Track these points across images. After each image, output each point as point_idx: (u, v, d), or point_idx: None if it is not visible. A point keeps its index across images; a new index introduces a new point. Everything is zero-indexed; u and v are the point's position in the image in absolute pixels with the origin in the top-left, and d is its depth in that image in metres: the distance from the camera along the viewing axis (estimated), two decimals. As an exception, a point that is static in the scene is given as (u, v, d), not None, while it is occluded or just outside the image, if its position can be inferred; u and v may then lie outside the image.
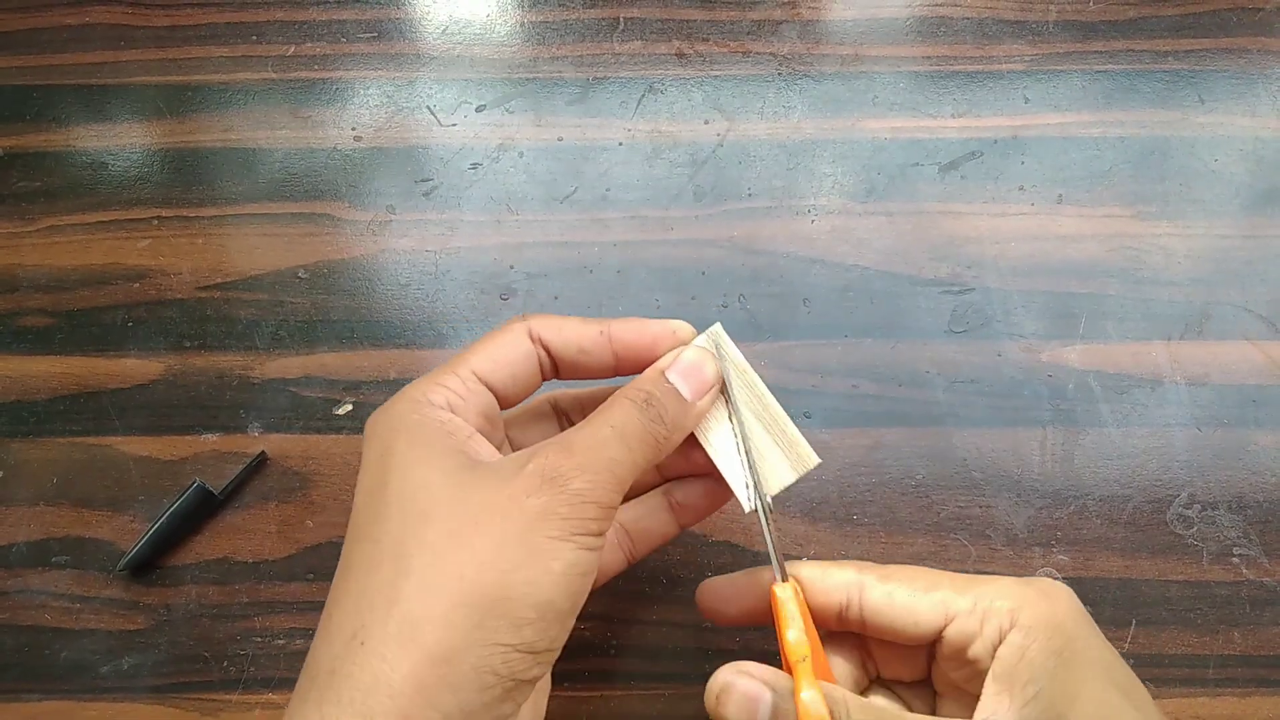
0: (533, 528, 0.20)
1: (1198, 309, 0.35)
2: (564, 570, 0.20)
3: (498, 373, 0.24)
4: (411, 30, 0.42)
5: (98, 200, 0.38)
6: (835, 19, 0.41)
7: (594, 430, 0.21)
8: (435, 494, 0.20)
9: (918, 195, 0.38)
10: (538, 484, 0.20)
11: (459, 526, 0.20)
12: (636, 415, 0.22)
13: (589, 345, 0.24)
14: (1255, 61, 0.40)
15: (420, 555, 0.20)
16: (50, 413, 0.35)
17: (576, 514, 0.20)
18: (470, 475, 0.21)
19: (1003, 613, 0.22)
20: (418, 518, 0.20)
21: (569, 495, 0.20)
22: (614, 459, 0.21)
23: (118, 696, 0.31)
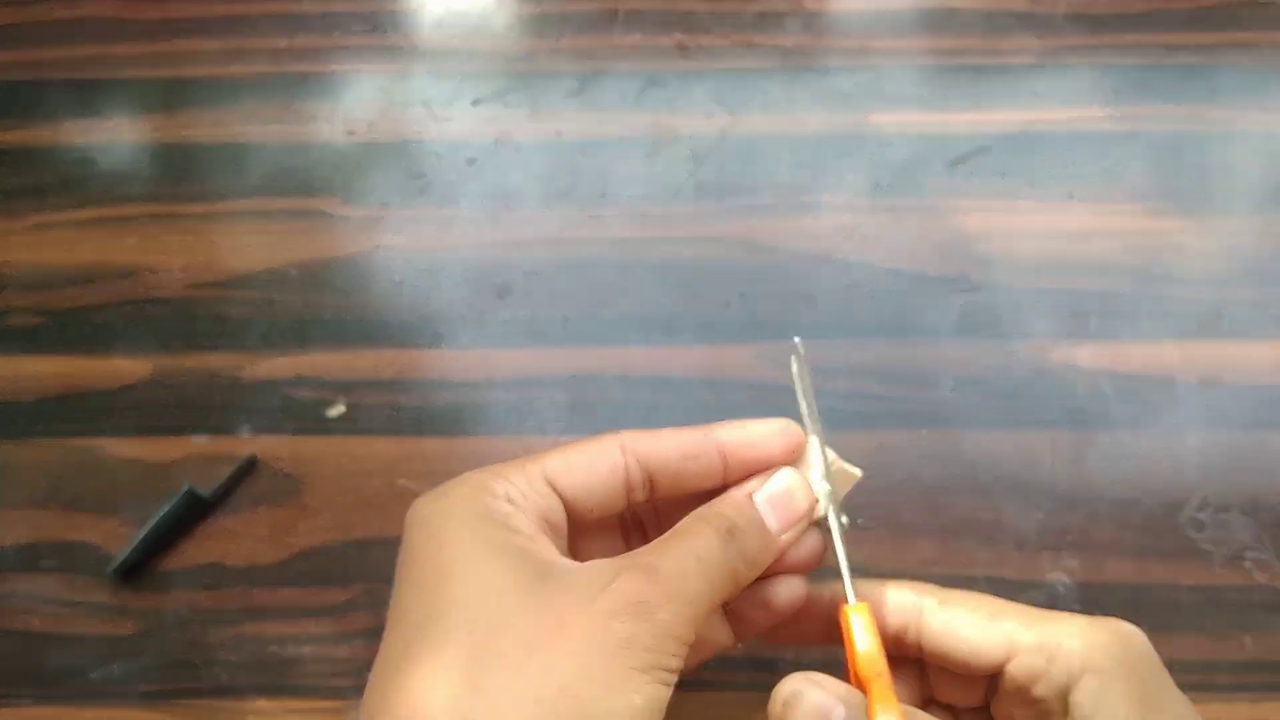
0: (618, 655, 0.18)
1: (1211, 308, 0.35)
2: (644, 705, 0.18)
3: (571, 478, 0.22)
4: (406, 23, 0.41)
5: (87, 196, 0.38)
6: (840, 11, 0.41)
7: (679, 558, 0.20)
8: (509, 600, 0.19)
9: (925, 191, 0.37)
10: (623, 607, 0.18)
11: (537, 640, 0.18)
12: (719, 547, 0.20)
13: (693, 450, 0.23)
14: (1268, 55, 0.39)
15: (497, 670, 0.18)
16: (38, 414, 0.35)
17: (660, 647, 0.19)
18: (547, 583, 0.19)
19: (1073, 654, 0.21)
20: (489, 626, 0.19)
21: (655, 625, 0.19)
22: (697, 593, 0.20)
23: (108, 702, 0.31)
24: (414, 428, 0.34)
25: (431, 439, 0.34)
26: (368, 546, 0.32)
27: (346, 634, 0.31)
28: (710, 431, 0.23)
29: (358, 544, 0.32)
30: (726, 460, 0.23)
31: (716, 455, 0.23)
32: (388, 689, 0.19)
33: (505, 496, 0.21)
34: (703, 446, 0.23)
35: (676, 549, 0.20)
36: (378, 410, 0.34)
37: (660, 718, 0.19)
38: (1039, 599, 0.31)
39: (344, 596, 0.32)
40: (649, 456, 0.23)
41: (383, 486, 0.33)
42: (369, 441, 0.34)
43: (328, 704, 0.30)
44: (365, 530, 0.32)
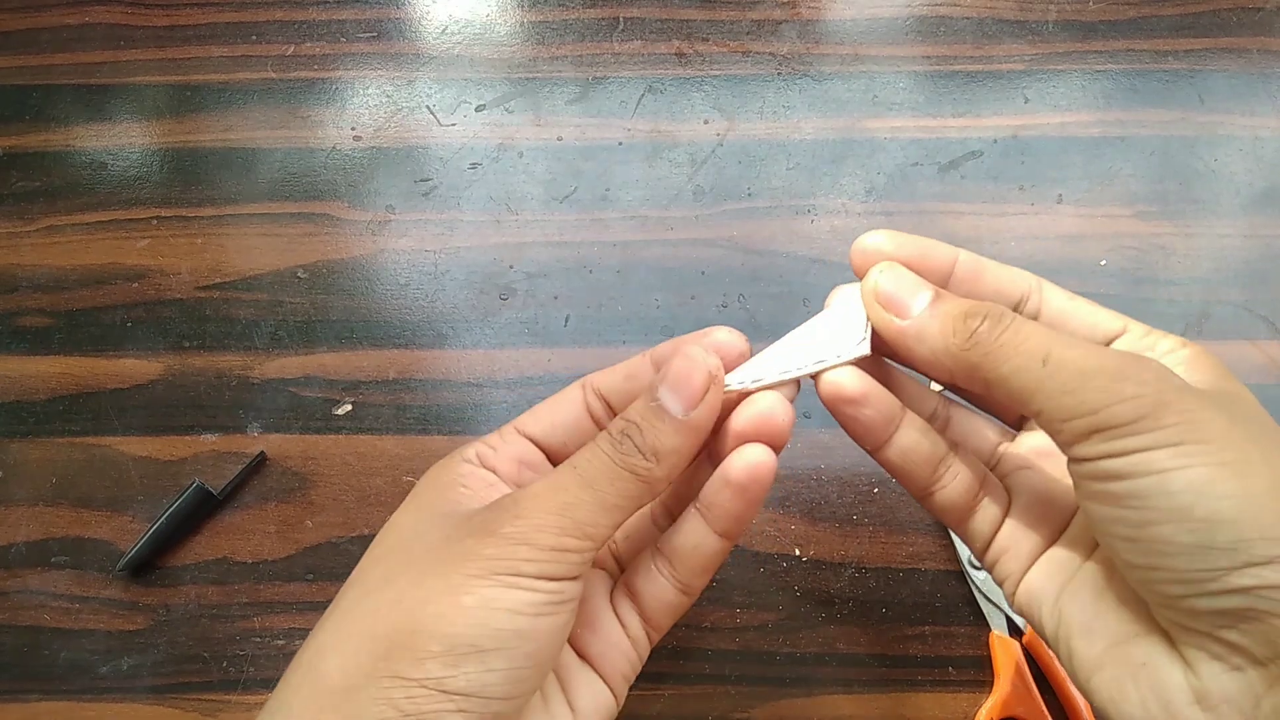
0: (453, 565, 0.19)
1: (1197, 308, 0.35)
2: (477, 604, 0.19)
3: (539, 422, 0.24)
4: (411, 30, 0.42)
5: (97, 200, 0.38)
6: (835, 19, 0.41)
7: (556, 475, 0.21)
8: (400, 538, 0.21)
9: (917, 195, 0.38)
10: (471, 529, 0.20)
11: (395, 568, 0.20)
12: (605, 451, 0.21)
13: (633, 370, 0.25)
14: (1255, 61, 0.40)
15: (355, 590, 0.20)
16: (49, 413, 0.35)
17: (503, 554, 0.19)
18: (435, 522, 0.21)
19: (1176, 345, 0.21)
20: (375, 559, 0.21)
21: (497, 538, 0.19)
22: (569, 502, 0.20)
23: (117, 697, 0.31)
24: (419, 426, 0.34)
25: (436, 437, 0.34)
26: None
27: None
28: (648, 351, 0.25)
29: (364, 539, 0.33)
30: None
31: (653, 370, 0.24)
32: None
33: (474, 456, 0.24)
34: (641, 365, 0.25)
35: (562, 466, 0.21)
36: (383, 409, 0.35)
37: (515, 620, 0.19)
38: (1030, 593, 0.31)
39: (350, 591, 0.32)
40: (601, 385, 0.25)
41: (388, 484, 0.34)
42: (375, 440, 0.34)
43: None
44: (371, 526, 0.33)
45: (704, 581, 0.24)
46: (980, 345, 0.20)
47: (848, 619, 0.31)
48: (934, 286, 0.22)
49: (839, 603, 0.31)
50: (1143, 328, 0.22)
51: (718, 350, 0.23)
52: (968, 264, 0.23)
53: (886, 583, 0.32)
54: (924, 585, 0.31)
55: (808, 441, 0.34)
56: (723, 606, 0.31)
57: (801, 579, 0.32)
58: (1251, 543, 0.17)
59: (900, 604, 0.31)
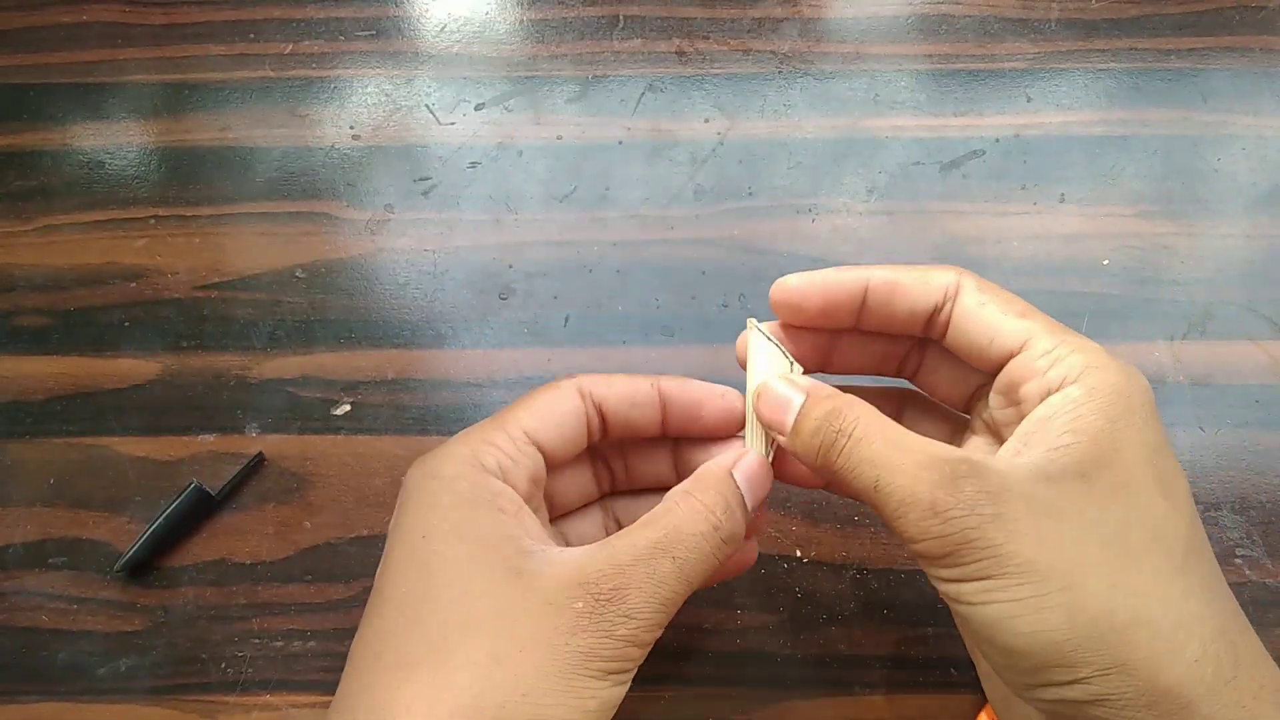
0: (577, 666, 0.19)
1: (1201, 309, 0.35)
2: (598, 709, 0.20)
3: (547, 431, 0.23)
4: (410, 28, 0.41)
5: (94, 199, 0.38)
6: (836, 17, 0.41)
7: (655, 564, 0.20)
8: (480, 603, 0.20)
9: (919, 194, 0.37)
10: (584, 625, 0.19)
11: (504, 649, 0.19)
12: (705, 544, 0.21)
13: (641, 399, 0.24)
14: (1258, 60, 0.40)
15: (463, 671, 0.19)
16: (46, 413, 0.35)
17: (619, 657, 0.20)
18: (514, 590, 0.20)
19: (1075, 366, 0.21)
20: (460, 626, 0.20)
21: (613, 641, 0.19)
22: (669, 598, 0.20)
23: (115, 698, 0.31)
24: (418, 427, 0.34)
25: (435, 438, 0.34)
26: (372, 543, 0.33)
27: (352, 629, 0.31)
28: (656, 382, 0.25)
29: (362, 541, 0.33)
30: (667, 412, 0.25)
31: (658, 406, 0.25)
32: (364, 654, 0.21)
33: (497, 469, 0.22)
34: (648, 396, 0.25)
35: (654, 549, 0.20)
36: (382, 409, 0.34)
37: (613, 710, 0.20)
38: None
39: (349, 592, 0.32)
40: (603, 400, 0.24)
41: (387, 485, 0.33)
42: (373, 440, 0.34)
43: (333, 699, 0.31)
44: (370, 527, 0.33)
45: None
46: (828, 466, 0.21)
47: (849, 620, 0.31)
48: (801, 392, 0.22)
49: (840, 604, 0.31)
50: (1049, 338, 0.22)
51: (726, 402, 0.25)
52: (879, 288, 0.24)
53: (888, 584, 0.31)
54: (926, 587, 0.31)
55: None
56: (723, 608, 0.31)
57: (803, 580, 0.32)
58: (1050, 669, 0.19)
59: (902, 605, 0.31)
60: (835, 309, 0.24)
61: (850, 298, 0.24)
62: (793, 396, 0.22)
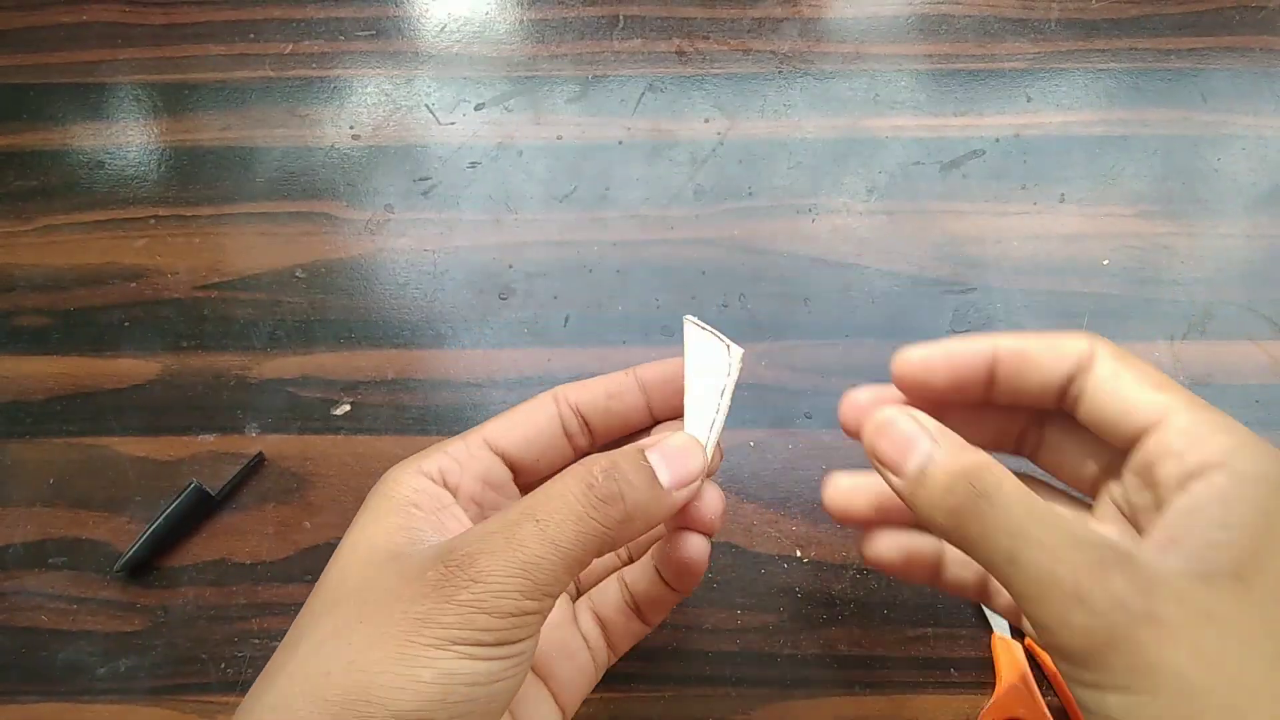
0: (411, 633, 0.18)
1: (1201, 309, 0.35)
2: (435, 679, 0.18)
3: (511, 435, 0.23)
4: (410, 28, 0.41)
5: (94, 199, 0.38)
6: (836, 17, 0.41)
7: (514, 527, 0.19)
8: (350, 581, 0.20)
9: (919, 194, 0.37)
10: (425, 591, 0.19)
11: (348, 621, 0.19)
12: (577, 501, 0.20)
13: (615, 388, 0.24)
14: (1258, 60, 0.40)
15: (306, 644, 0.19)
16: (47, 413, 0.35)
17: (461, 623, 0.18)
18: (386, 564, 0.20)
19: (1217, 449, 0.18)
20: (324, 608, 0.20)
21: (455, 605, 0.18)
22: (529, 561, 0.19)
23: (115, 698, 0.31)
24: (418, 426, 0.34)
25: (435, 438, 0.34)
26: (372, 543, 0.33)
27: None
28: (631, 370, 0.24)
29: (362, 541, 0.33)
30: (650, 396, 0.24)
31: (638, 391, 0.24)
32: None
33: (436, 472, 0.22)
34: (625, 384, 0.24)
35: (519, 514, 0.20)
36: (382, 409, 0.34)
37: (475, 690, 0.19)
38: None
39: (348, 593, 0.32)
40: (579, 401, 0.24)
41: (386, 484, 0.33)
42: (373, 440, 0.34)
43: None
44: (369, 528, 0.33)
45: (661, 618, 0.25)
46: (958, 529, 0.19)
47: (849, 620, 0.31)
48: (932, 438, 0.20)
49: (840, 604, 0.31)
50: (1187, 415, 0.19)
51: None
52: (1008, 359, 0.22)
53: (888, 584, 0.31)
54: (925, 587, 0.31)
55: (809, 442, 0.34)
56: (723, 608, 0.31)
57: (802, 580, 0.32)
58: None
59: (902, 605, 0.31)
60: (963, 383, 0.22)
61: (979, 370, 0.22)
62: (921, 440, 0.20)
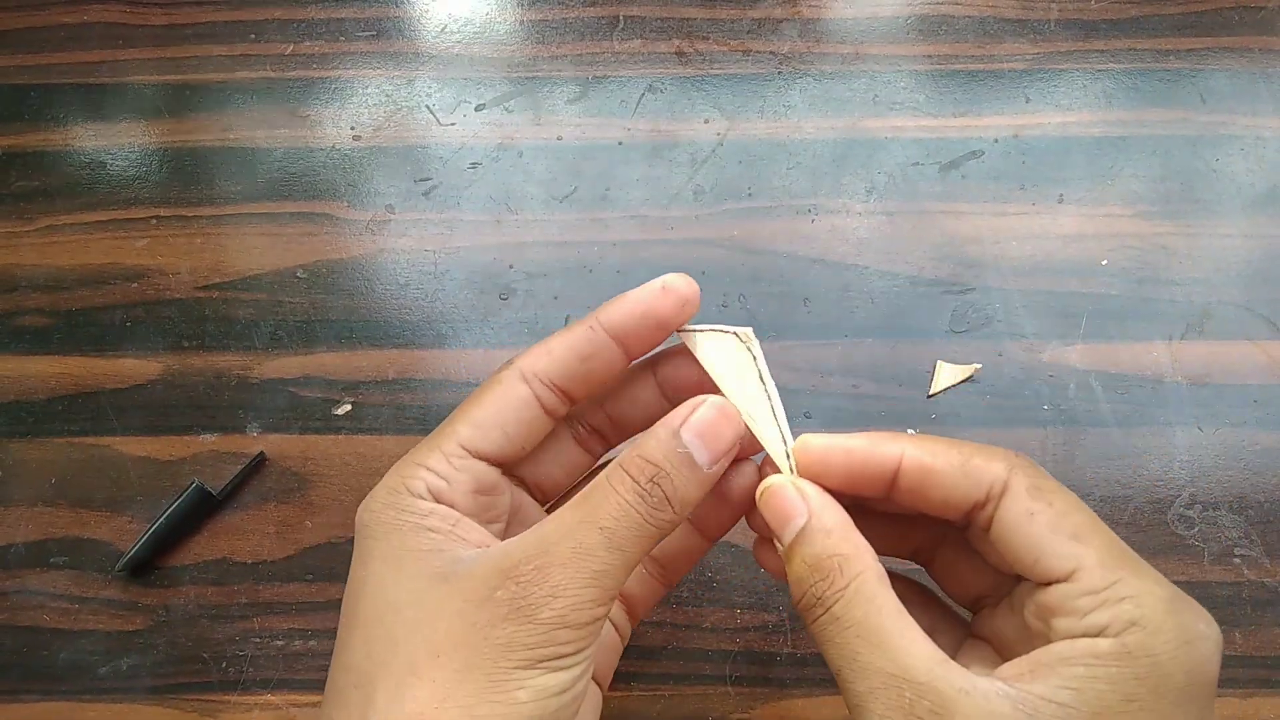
0: (498, 660, 0.18)
1: (1199, 308, 0.35)
2: (531, 699, 0.18)
3: (487, 437, 0.21)
4: (410, 29, 0.41)
5: (96, 200, 0.38)
6: (836, 17, 0.41)
7: (579, 536, 0.19)
8: (402, 618, 0.19)
9: (918, 195, 0.37)
10: (504, 614, 0.18)
11: (421, 658, 0.19)
12: (634, 511, 0.19)
13: (587, 348, 0.22)
14: (1257, 60, 0.40)
15: (383, 690, 0.19)
16: (48, 413, 0.35)
17: (546, 641, 0.18)
18: (437, 591, 0.19)
19: (1121, 618, 0.18)
20: (383, 644, 0.19)
21: (536, 626, 0.18)
22: (600, 570, 0.19)
23: (116, 697, 0.31)
24: (418, 426, 0.34)
25: (435, 438, 0.34)
26: (373, 543, 0.33)
27: None
28: (594, 321, 0.22)
29: (363, 540, 0.33)
30: (624, 343, 0.22)
31: (610, 343, 0.22)
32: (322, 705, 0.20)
33: (426, 492, 0.21)
34: (594, 341, 0.22)
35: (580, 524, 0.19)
36: (383, 409, 0.35)
37: (565, 697, 0.19)
38: (1031, 594, 0.31)
39: (349, 592, 0.32)
40: (550, 374, 0.22)
41: (387, 484, 0.33)
42: (374, 440, 0.34)
43: None
44: (370, 527, 0.33)
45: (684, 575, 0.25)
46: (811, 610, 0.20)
47: (848, 620, 0.31)
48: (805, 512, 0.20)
49: (839, 603, 0.31)
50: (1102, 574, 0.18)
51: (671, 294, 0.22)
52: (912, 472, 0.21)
53: (887, 583, 0.31)
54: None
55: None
56: (724, 607, 0.31)
57: (802, 580, 0.32)
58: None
59: (901, 605, 0.31)
60: (860, 484, 0.21)
61: (877, 476, 0.21)
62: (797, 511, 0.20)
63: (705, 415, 0.20)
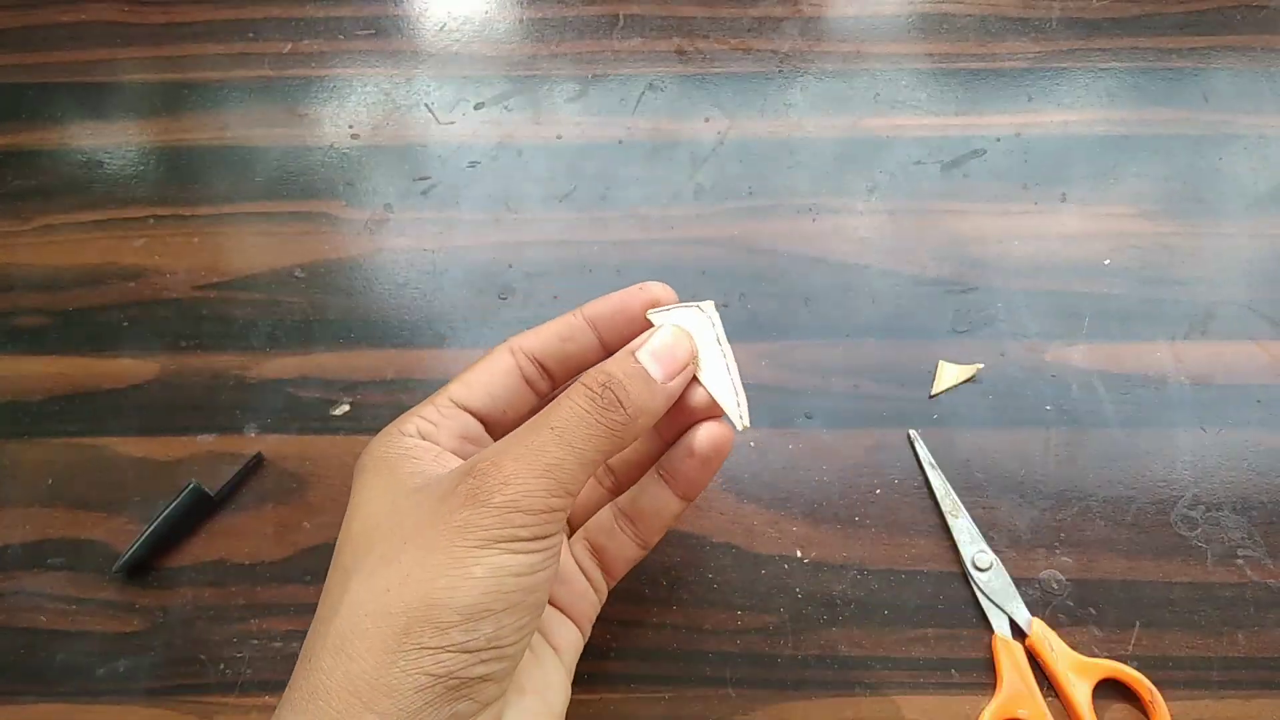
0: (455, 539, 0.20)
1: (1202, 308, 0.35)
2: (486, 573, 0.20)
3: (474, 394, 0.25)
4: (409, 27, 0.41)
5: (93, 199, 0.38)
6: (837, 16, 0.41)
7: (532, 436, 0.22)
8: (379, 520, 0.22)
9: (920, 194, 0.37)
10: (463, 501, 0.21)
11: (391, 548, 0.21)
12: (584, 409, 0.22)
13: (567, 331, 0.25)
14: (1260, 59, 0.40)
15: (357, 577, 0.21)
16: (45, 413, 0.35)
17: (500, 524, 0.20)
18: (411, 498, 0.22)
19: None
20: (363, 545, 0.22)
21: (490, 508, 0.20)
22: (551, 463, 0.21)
23: (113, 699, 0.31)
24: (417, 427, 0.34)
25: (434, 438, 0.34)
26: (371, 544, 0.32)
27: None
28: (578, 311, 0.26)
29: (361, 541, 0.33)
30: (600, 332, 0.26)
31: (588, 330, 0.25)
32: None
33: (415, 431, 0.24)
34: (574, 326, 0.25)
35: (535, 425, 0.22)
36: (381, 409, 0.34)
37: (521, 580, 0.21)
38: (1033, 595, 0.31)
39: (348, 593, 0.32)
40: (532, 348, 0.25)
41: (386, 485, 0.33)
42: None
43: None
44: (368, 528, 0.33)
45: (660, 537, 0.27)
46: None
47: (849, 621, 0.31)
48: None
49: (841, 605, 0.31)
50: None
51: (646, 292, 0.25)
52: None
53: (888, 585, 0.31)
54: (926, 587, 0.31)
55: (809, 442, 0.33)
56: (723, 609, 0.31)
57: (803, 581, 0.32)
58: None
59: (903, 606, 0.31)
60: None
61: None
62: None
63: (661, 337, 0.24)
